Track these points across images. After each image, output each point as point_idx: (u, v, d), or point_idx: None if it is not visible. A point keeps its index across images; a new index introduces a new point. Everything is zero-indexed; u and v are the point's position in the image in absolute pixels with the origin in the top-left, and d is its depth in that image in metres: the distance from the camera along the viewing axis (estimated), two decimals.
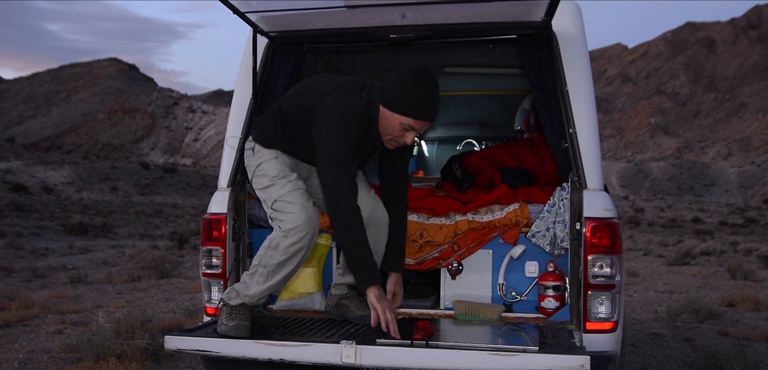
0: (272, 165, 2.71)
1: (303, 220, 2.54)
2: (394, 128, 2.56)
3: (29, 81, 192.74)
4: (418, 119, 2.53)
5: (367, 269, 2.55)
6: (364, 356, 2.44)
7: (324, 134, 2.54)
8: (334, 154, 2.52)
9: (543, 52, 3.00)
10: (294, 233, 2.53)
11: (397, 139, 2.60)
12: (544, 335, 2.66)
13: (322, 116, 2.57)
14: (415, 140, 2.70)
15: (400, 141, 2.61)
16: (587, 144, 2.84)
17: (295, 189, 2.62)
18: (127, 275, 9.99)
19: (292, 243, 2.55)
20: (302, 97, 2.71)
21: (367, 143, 2.68)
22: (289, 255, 2.57)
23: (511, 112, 4.84)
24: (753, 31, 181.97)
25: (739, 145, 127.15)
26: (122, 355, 4.55)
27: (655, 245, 19.51)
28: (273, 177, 2.68)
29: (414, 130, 2.56)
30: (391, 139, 2.61)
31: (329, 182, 2.55)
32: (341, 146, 2.53)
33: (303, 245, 2.57)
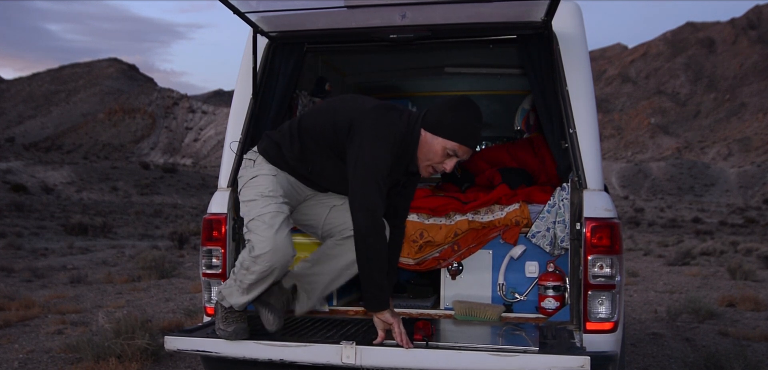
0: (267, 181, 2.54)
1: (269, 248, 2.41)
2: (435, 153, 2.44)
3: (29, 81, 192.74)
4: (462, 144, 2.42)
5: (384, 294, 2.48)
6: (364, 356, 2.44)
7: (367, 149, 2.40)
8: (374, 172, 2.39)
9: (543, 52, 3.00)
10: (260, 260, 2.44)
11: (436, 166, 2.48)
12: (544, 336, 2.66)
13: (365, 131, 2.43)
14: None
15: (439, 168, 2.48)
16: (587, 144, 2.84)
17: (276, 213, 2.46)
18: (127, 275, 9.99)
19: (259, 270, 2.46)
20: (335, 112, 2.55)
21: (397, 171, 2.56)
22: (259, 278, 2.49)
23: (511, 112, 4.84)
24: (753, 31, 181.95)
25: (739, 145, 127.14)
26: (122, 355, 4.55)
27: (655, 245, 19.51)
28: (260, 194, 2.52)
29: (456, 157, 2.44)
30: (429, 165, 2.48)
31: (363, 202, 2.39)
32: (382, 165, 2.42)
33: (269, 272, 2.47)
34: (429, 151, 2.45)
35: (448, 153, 2.43)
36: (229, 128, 3.24)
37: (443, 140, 2.42)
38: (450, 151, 2.43)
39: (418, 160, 2.50)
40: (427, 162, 2.48)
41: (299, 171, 2.64)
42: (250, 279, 2.49)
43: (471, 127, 2.43)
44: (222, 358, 2.58)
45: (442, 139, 2.42)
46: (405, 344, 2.42)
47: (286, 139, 2.61)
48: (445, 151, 2.43)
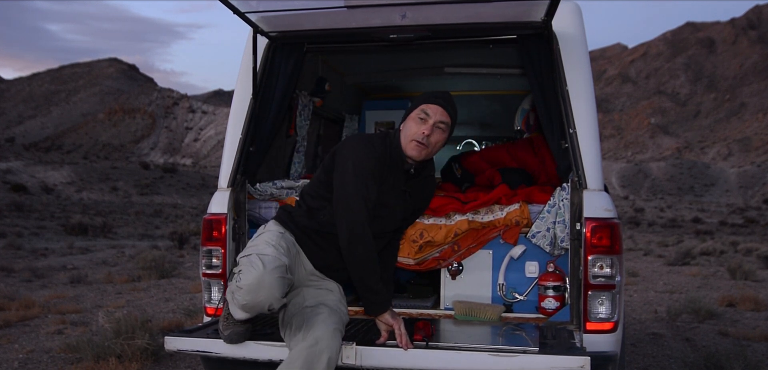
0: (272, 235, 2.55)
1: (254, 281, 2.29)
2: (411, 130, 2.61)
3: (29, 81, 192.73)
4: (425, 103, 2.62)
5: (380, 297, 2.51)
6: (364, 356, 2.44)
7: (349, 162, 2.52)
8: (357, 181, 2.48)
9: (543, 52, 3.00)
10: (243, 292, 2.31)
11: (417, 138, 2.59)
12: (545, 336, 2.66)
13: (346, 149, 2.58)
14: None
15: (420, 136, 2.59)
16: (587, 144, 2.84)
17: (275, 258, 2.39)
18: (127, 275, 9.99)
19: (242, 301, 2.33)
20: (323, 163, 2.71)
21: (393, 178, 2.65)
22: (244, 305, 2.35)
23: (511, 112, 4.84)
24: (753, 31, 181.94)
25: (739, 145, 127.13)
26: (122, 355, 4.55)
27: (655, 245, 19.51)
28: (264, 241, 2.51)
29: (428, 117, 2.60)
30: (411, 141, 2.60)
31: (346, 211, 2.47)
32: (366, 174, 2.51)
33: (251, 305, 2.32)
34: (407, 133, 2.63)
35: (421, 118, 2.61)
36: (229, 128, 3.24)
37: (412, 115, 2.64)
38: (421, 116, 2.61)
39: (405, 150, 2.64)
40: (409, 140, 2.62)
41: (308, 228, 2.64)
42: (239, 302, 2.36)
43: (427, 92, 2.68)
44: (222, 358, 2.58)
45: (411, 114, 2.65)
46: (404, 344, 2.43)
47: (295, 207, 2.75)
48: (418, 121, 2.62)
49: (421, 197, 2.92)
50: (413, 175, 2.75)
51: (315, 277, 2.70)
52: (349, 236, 2.47)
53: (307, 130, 4.15)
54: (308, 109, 4.11)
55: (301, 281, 2.66)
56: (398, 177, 2.69)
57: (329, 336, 2.34)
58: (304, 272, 2.67)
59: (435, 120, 2.60)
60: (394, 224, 2.80)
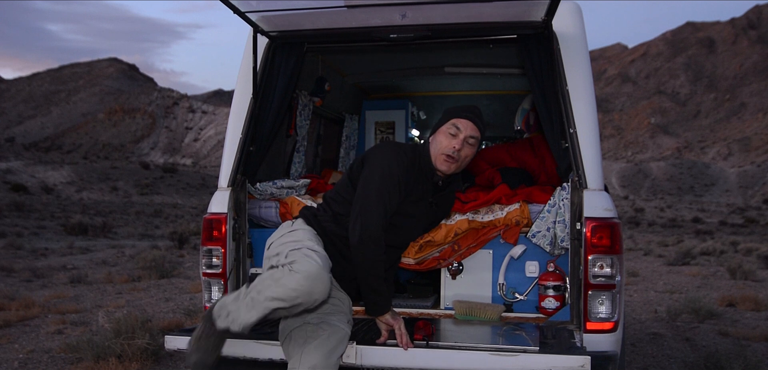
0: (308, 234, 2.52)
1: (314, 271, 2.22)
2: (441, 144, 2.64)
3: (29, 81, 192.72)
4: (457, 118, 2.65)
5: (383, 298, 2.52)
6: (364, 356, 2.44)
7: (376, 166, 2.54)
8: (380, 185, 2.50)
9: (543, 52, 3.00)
10: (299, 278, 2.21)
11: (447, 152, 2.61)
12: (545, 335, 2.66)
13: (375, 155, 2.61)
14: (415, 141, 2.73)
15: (451, 150, 2.61)
16: (587, 144, 2.84)
17: (326, 258, 2.37)
18: (127, 275, 9.99)
19: (295, 287, 2.21)
20: (349, 168, 2.73)
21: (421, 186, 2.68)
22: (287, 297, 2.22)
23: (511, 112, 4.84)
24: (753, 31, 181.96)
25: (739, 145, 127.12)
26: (122, 355, 4.55)
27: (655, 245, 19.50)
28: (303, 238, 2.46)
29: (459, 131, 2.62)
30: (442, 155, 2.62)
31: (363, 212, 2.48)
32: (394, 170, 2.54)
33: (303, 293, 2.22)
34: (438, 146, 2.65)
35: (451, 133, 2.64)
36: (229, 128, 3.24)
37: (443, 128, 2.66)
38: (452, 131, 2.63)
39: (434, 163, 2.65)
40: (440, 153, 2.64)
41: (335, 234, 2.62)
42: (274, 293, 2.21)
43: (458, 106, 2.70)
44: (222, 357, 2.58)
45: (442, 128, 2.66)
46: (405, 344, 2.43)
47: (321, 210, 2.72)
48: (448, 135, 2.64)
49: (444, 209, 2.95)
50: (440, 188, 2.77)
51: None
52: (362, 236, 2.46)
53: (307, 130, 4.15)
54: (308, 109, 4.11)
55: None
56: (426, 189, 2.72)
57: (326, 352, 2.33)
58: None
59: (465, 135, 2.63)
60: (415, 236, 2.82)
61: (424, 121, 5.83)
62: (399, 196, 2.57)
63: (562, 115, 2.91)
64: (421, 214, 2.74)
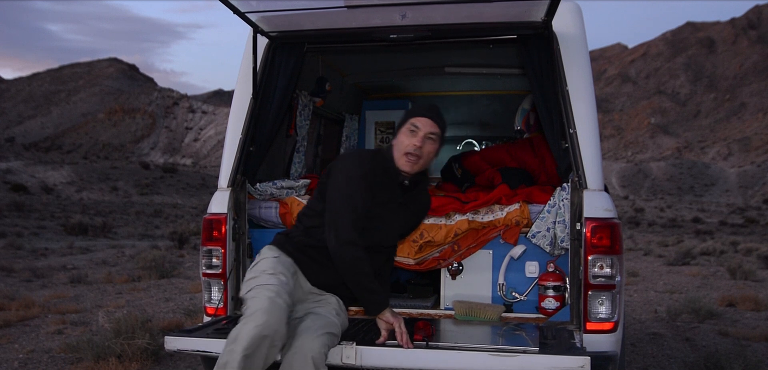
0: (268, 262, 2.57)
1: (265, 306, 2.30)
2: (402, 143, 2.66)
3: (29, 81, 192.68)
4: (414, 117, 2.68)
5: (378, 296, 2.53)
6: (364, 356, 2.44)
7: (341, 176, 2.61)
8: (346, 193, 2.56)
9: (543, 52, 3.00)
10: (254, 316, 2.28)
11: (409, 151, 2.64)
12: (545, 336, 2.66)
13: (338, 165, 2.69)
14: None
15: (412, 148, 2.64)
16: (587, 144, 2.84)
17: (279, 285, 2.42)
18: (127, 275, 9.99)
19: (249, 333, 2.25)
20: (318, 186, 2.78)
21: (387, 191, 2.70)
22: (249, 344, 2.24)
23: (511, 112, 4.84)
24: (753, 31, 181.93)
25: (739, 145, 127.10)
26: (122, 355, 4.55)
27: (655, 245, 19.50)
28: (262, 270, 2.52)
29: (418, 129, 2.64)
30: (404, 154, 2.65)
31: (334, 220, 2.56)
32: (356, 174, 2.59)
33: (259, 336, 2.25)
34: (399, 146, 2.68)
35: (411, 131, 2.66)
36: (229, 128, 3.24)
37: (403, 129, 2.70)
38: (412, 129, 2.66)
39: (398, 164, 2.67)
40: (402, 153, 2.67)
41: (306, 245, 2.68)
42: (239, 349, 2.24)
43: (416, 106, 2.76)
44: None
45: (402, 129, 2.71)
46: (405, 343, 2.43)
47: (293, 229, 2.80)
48: (408, 134, 2.67)
49: (417, 210, 2.94)
50: (408, 188, 2.77)
51: (313, 294, 2.70)
52: (337, 242, 2.53)
53: (307, 130, 4.15)
54: (308, 109, 4.11)
55: (299, 300, 2.66)
56: (393, 190, 2.73)
57: (311, 340, 2.36)
58: (302, 292, 2.68)
59: (425, 132, 2.65)
60: (391, 239, 2.82)
61: None
62: (366, 198, 2.61)
63: (562, 115, 2.91)
64: (392, 215, 2.75)
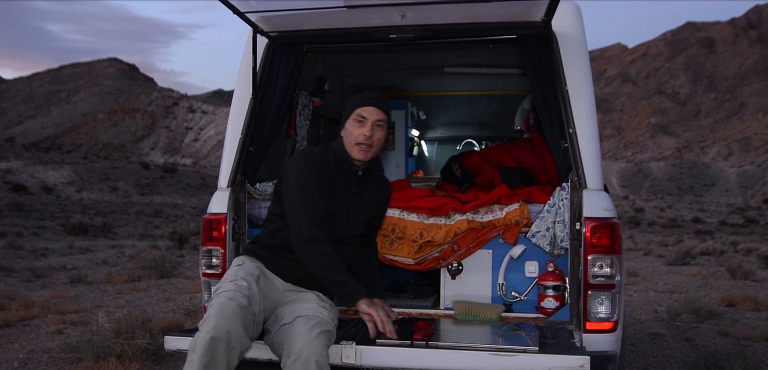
0: (229, 273, 2.61)
1: (215, 312, 2.35)
2: (352, 134, 2.69)
3: (29, 81, 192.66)
4: (360, 107, 2.70)
5: (350, 287, 2.56)
6: (364, 356, 2.44)
7: (289, 171, 2.68)
8: (300, 180, 2.62)
9: (543, 52, 3.00)
10: (206, 323, 2.35)
11: (357, 141, 2.68)
12: (544, 335, 2.66)
13: (288, 168, 2.72)
14: (415, 140, 2.76)
15: (360, 138, 2.67)
16: (587, 144, 2.84)
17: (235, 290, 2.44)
18: (127, 275, 9.99)
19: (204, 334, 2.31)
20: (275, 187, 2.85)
21: (342, 183, 2.73)
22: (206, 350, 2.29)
23: (511, 112, 4.84)
24: (753, 31, 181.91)
25: (739, 145, 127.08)
26: (122, 355, 4.55)
27: (655, 245, 19.50)
28: (225, 279, 2.58)
29: (366, 119, 2.68)
30: (355, 143, 2.68)
31: (292, 219, 2.61)
32: (306, 172, 2.63)
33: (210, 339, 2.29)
34: (350, 138, 2.71)
35: (359, 122, 2.69)
36: (229, 128, 3.24)
37: (350, 120, 2.71)
38: (359, 120, 2.69)
39: (351, 154, 2.71)
40: (353, 144, 2.70)
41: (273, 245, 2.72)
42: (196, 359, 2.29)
43: (359, 95, 2.76)
44: None
45: (349, 120, 2.72)
46: (387, 331, 2.46)
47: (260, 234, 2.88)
48: (357, 125, 2.69)
49: (377, 196, 2.92)
50: (362, 177, 2.79)
51: (290, 292, 2.70)
52: (297, 239, 2.58)
53: (307, 130, 4.15)
54: (308, 109, 4.11)
55: (278, 301, 2.67)
56: (348, 182, 2.76)
57: (309, 343, 2.35)
58: (277, 291, 2.68)
59: (372, 120, 2.68)
60: (356, 228, 2.82)
61: (424, 121, 5.83)
62: (320, 194, 2.64)
63: (562, 115, 2.91)
64: (351, 206, 2.77)
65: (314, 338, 2.37)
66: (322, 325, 2.45)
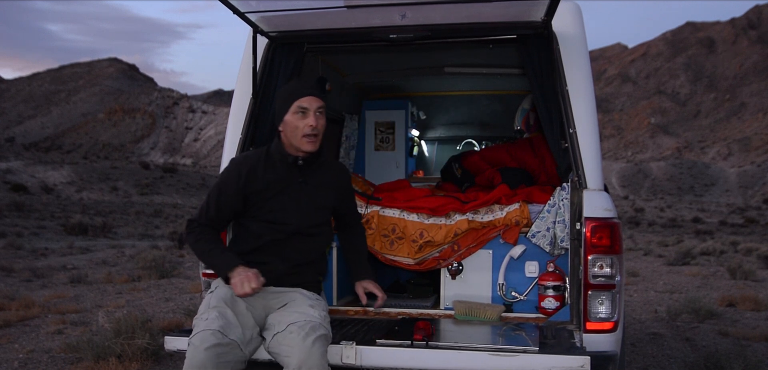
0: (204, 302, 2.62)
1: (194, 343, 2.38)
2: (293, 126, 2.64)
3: (29, 81, 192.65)
4: (298, 99, 2.64)
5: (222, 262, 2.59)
6: (364, 356, 2.44)
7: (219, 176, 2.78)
8: (218, 184, 2.72)
9: (543, 52, 3.00)
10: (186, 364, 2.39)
11: (304, 134, 2.63)
12: (545, 336, 2.66)
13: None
14: (415, 140, 2.73)
15: (307, 129, 2.63)
16: (587, 144, 2.84)
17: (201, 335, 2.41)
18: (127, 275, 9.99)
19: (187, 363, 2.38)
20: None
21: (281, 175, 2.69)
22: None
23: (511, 112, 4.84)
24: (753, 31, 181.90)
25: (739, 145, 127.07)
26: (122, 355, 4.55)
27: (655, 245, 19.50)
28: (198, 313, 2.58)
29: (307, 109, 2.63)
30: (301, 135, 2.63)
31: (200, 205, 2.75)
32: (226, 179, 2.70)
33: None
34: (294, 131, 2.65)
35: (301, 114, 2.63)
36: (229, 128, 3.24)
37: (290, 113, 2.65)
38: (300, 112, 2.63)
39: (299, 146, 2.66)
40: (297, 136, 2.64)
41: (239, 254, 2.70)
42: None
43: (292, 87, 2.71)
44: None
45: (288, 113, 2.65)
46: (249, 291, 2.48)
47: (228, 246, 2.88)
48: (299, 116, 2.64)
49: (330, 183, 2.83)
50: (305, 166, 2.73)
51: (274, 295, 2.67)
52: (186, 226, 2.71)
53: None
54: None
55: (265, 307, 2.65)
56: (291, 174, 2.71)
57: (308, 355, 2.36)
58: (261, 299, 2.65)
59: (313, 109, 2.64)
60: (311, 219, 2.73)
61: (424, 121, 5.83)
62: (227, 196, 2.68)
63: (562, 115, 2.91)
64: (297, 199, 2.70)
65: (310, 346, 2.37)
66: (316, 330, 2.43)
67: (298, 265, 2.69)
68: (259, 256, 2.67)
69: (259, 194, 2.67)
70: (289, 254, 2.68)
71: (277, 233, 2.66)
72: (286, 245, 2.68)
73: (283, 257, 2.67)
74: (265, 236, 2.67)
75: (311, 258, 2.73)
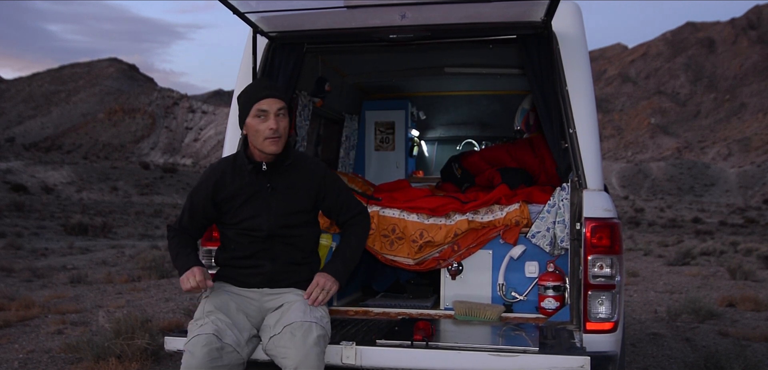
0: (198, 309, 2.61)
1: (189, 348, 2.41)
2: (259, 131, 2.59)
3: (29, 81, 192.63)
4: (258, 101, 2.60)
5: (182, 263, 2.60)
6: (364, 356, 2.44)
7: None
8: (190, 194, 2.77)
9: (543, 52, 3.00)
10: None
11: (266, 135, 2.58)
12: (545, 336, 2.66)
13: None
14: (415, 141, 2.71)
15: (269, 132, 2.58)
16: (587, 144, 2.84)
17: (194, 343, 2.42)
18: (127, 275, 9.99)
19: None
20: None
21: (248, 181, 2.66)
22: None
23: (511, 112, 4.84)
24: (753, 31, 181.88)
25: (739, 145, 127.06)
26: (122, 355, 4.55)
27: (655, 245, 19.50)
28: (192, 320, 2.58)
29: (267, 112, 2.58)
30: (262, 139, 2.59)
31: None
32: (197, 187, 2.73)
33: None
34: (256, 135, 2.61)
35: (261, 116, 2.59)
36: (229, 128, 3.24)
37: (250, 116, 2.62)
38: (261, 115, 2.59)
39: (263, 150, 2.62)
40: (261, 138, 2.60)
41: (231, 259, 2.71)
42: None
43: (250, 90, 2.67)
44: None
45: (249, 117, 2.62)
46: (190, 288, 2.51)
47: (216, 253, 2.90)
48: (260, 120, 2.60)
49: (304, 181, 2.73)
50: (270, 170, 2.67)
51: (269, 296, 2.66)
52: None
53: (307, 130, 4.15)
54: (308, 109, 4.11)
55: (260, 309, 2.65)
56: (257, 180, 2.66)
57: (305, 357, 2.36)
58: (255, 301, 2.65)
59: (273, 111, 2.59)
60: (284, 220, 2.66)
61: (424, 121, 5.83)
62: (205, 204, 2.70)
63: (562, 115, 2.90)
64: (267, 203, 2.65)
65: (307, 347, 2.37)
66: (312, 330, 2.42)
67: (290, 264, 2.68)
68: (250, 260, 2.68)
69: (229, 202, 2.67)
70: (276, 255, 2.67)
71: (253, 239, 2.65)
72: (268, 248, 2.66)
73: (272, 258, 2.67)
74: (244, 242, 2.67)
75: (300, 258, 2.70)
